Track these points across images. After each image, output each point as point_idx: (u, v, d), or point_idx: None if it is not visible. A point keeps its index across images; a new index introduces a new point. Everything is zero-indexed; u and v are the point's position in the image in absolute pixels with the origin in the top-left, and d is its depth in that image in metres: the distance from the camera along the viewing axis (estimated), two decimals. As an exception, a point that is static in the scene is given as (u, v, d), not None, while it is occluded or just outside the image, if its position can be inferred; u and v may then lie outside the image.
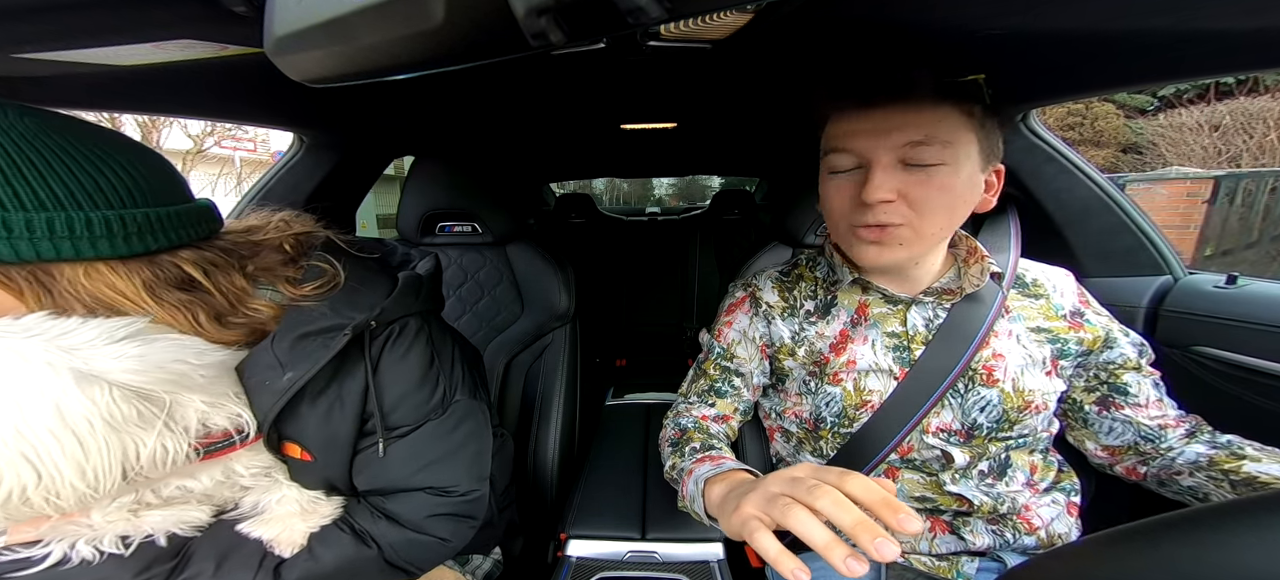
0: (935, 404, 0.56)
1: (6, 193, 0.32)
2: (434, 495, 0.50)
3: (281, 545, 0.46)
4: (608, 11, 0.20)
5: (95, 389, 0.33)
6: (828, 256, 0.67)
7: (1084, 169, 0.84)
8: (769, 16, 0.49)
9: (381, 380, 0.48)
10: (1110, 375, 0.58)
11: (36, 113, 0.35)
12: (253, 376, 0.44)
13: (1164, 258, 0.81)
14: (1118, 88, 0.66)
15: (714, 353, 0.70)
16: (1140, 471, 0.57)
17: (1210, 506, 0.27)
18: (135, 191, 0.37)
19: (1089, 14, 0.46)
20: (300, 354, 0.43)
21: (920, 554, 0.60)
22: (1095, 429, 0.59)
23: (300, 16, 0.23)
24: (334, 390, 0.46)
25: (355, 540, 0.48)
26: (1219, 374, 0.57)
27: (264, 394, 0.44)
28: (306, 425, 0.46)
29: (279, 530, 0.47)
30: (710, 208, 2.25)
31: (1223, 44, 0.49)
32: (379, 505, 0.50)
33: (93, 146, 0.36)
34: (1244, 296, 0.71)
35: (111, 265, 0.36)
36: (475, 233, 0.98)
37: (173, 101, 0.71)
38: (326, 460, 0.48)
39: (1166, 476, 0.54)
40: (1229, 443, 0.52)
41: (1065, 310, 0.60)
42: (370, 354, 0.47)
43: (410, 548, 0.50)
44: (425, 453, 0.50)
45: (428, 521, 0.50)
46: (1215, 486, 0.50)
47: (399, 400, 0.48)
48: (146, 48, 0.41)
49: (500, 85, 0.77)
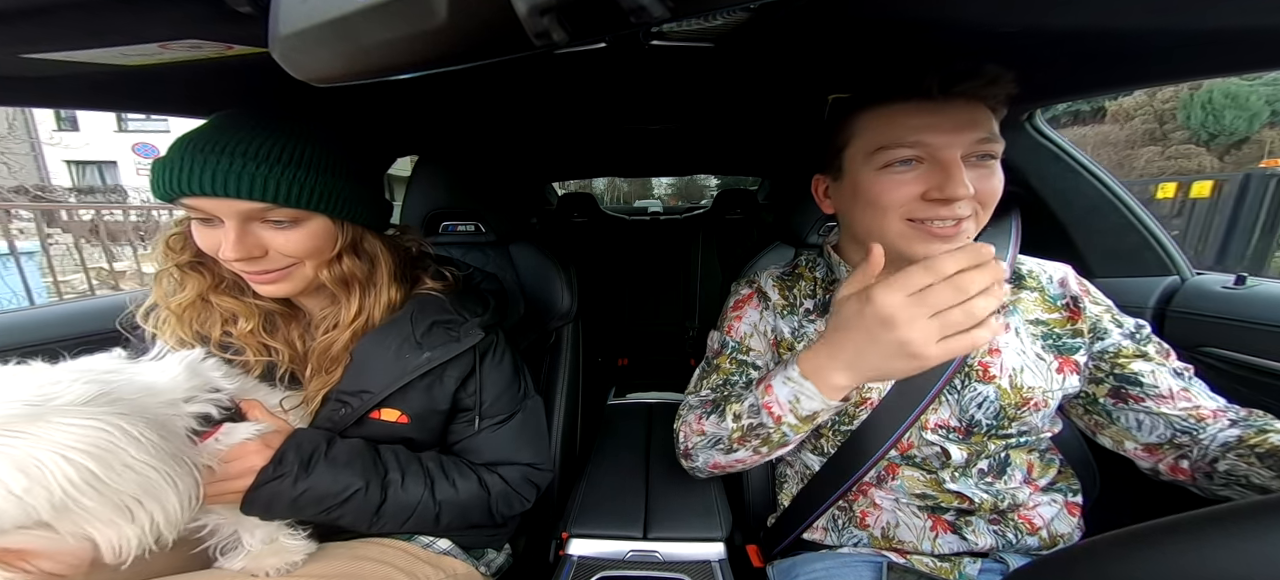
0: (933, 401, 0.56)
1: (347, 179, 0.54)
2: (525, 467, 0.66)
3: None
4: (610, 11, 0.20)
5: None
6: (826, 256, 0.67)
7: (1091, 168, 0.83)
8: (772, 14, 0.49)
9: (484, 379, 0.63)
10: (1113, 365, 0.55)
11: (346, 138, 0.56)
12: (381, 351, 0.57)
13: (1171, 258, 0.80)
14: (1122, 88, 0.66)
15: (728, 347, 0.68)
16: (1184, 468, 0.51)
17: (1211, 510, 0.26)
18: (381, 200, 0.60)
19: (1096, 14, 0.45)
20: (434, 339, 0.58)
21: (923, 554, 0.59)
22: (1125, 425, 0.55)
23: (305, 16, 0.23)
24: (438, 371, 0.59)
25: (479, 483, 0.62)
26: (1227, 375, 0.57)
27: (393, 368, 0.57)
28: (412, 397, 0.58)
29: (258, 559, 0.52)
30: (713, 207, 2.24)
31: (1226, 44, 0.49)
32: (493, 469, 0.64)
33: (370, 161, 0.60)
34: (1253, 297, 0.70)
35: (375, 235, 0.59)
36: (479, 232, 0.98)
37: (178, 101, 0.72)
38: (420, 425, 0.60)
39: (1207, 467, 0.49)
40: (1257, 421, 0.49)
41: (1065, 299, 0.59)
42: (479, 354, 0.62)
43: (507, 500, 0.64)
44: (520, 437, 0.66)
45: (521, 484, 0.65)
46: (1246, 466, 0.46)
47: (496, 397, 0.64)
48: (152, 47, 0.41)
49: (503, 84, 0.77)
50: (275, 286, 0.54)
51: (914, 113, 0.49)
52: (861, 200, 0.54)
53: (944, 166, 0.48)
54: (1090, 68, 0.61)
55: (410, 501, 0.57)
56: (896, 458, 0.60)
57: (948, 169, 0.47)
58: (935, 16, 0.47)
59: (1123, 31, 0.49)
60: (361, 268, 0.57)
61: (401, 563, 0.57)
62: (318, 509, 0.52)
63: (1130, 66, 0.59)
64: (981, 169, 0.50)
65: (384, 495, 0.55)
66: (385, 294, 0.59)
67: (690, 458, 0.65)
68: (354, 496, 0.53)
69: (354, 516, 0.54)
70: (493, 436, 0.64)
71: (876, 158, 0.51)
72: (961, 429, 0.58)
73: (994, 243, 0.64)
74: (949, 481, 0.58)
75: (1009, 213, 0.70)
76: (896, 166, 0.50)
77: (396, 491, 0.56)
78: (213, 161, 0.47)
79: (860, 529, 0.63)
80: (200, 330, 0.57)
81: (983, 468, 0.58)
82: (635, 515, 0.76)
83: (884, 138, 0.50)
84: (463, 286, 0.66)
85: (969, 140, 0.48)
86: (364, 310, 0.58)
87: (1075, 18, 0.47)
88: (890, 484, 0.61)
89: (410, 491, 0.56)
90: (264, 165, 0.48)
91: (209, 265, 0.57)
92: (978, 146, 0.48)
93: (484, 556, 0.71)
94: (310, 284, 0.56)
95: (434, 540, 0.64)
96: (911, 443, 0.59)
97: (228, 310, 0.57)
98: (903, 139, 0.49)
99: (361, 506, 0.54)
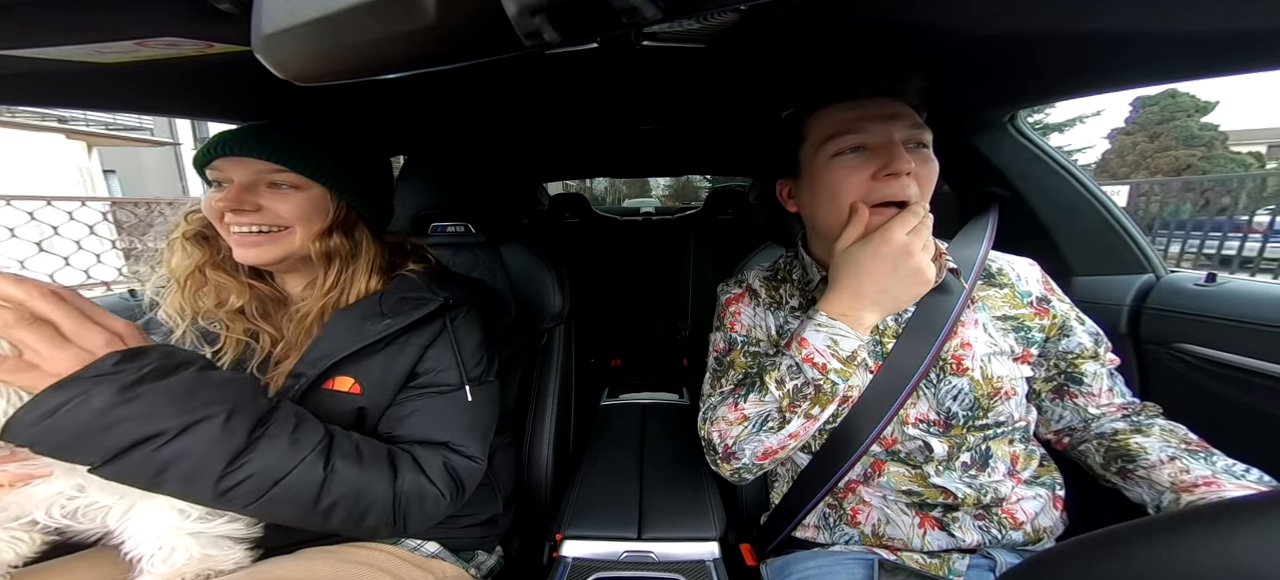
0: (911, 394, 0.58)
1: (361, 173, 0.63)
2: (441, 446, 0.57)
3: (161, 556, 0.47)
4: (602, 11, 0.20)
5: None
6: (801, 258, 0.69)
7: (1070, 170, 0.85)
8: (762, 16, 0.50)
9: (458, 336, 0.62)
10: (1068, 365, 0.61)
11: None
12: (347, 320, 0.58)
13: (1146, 256, 0.83)
14: (1101, 89, 0.68)
15: (738, 344, 0.69)
16: (1065, 442, 0.63)
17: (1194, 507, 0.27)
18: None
19: (1072, 16, 0.46)
20: (399, 308, 0.59)
21: (913, 551, 0.60)
22: (1047, 416, 0.64)
23: (289, 14, 0.22)
24: (401, 341, 0.59)
25: (388, 461, 0.52)
26: (1200, 370, 0.59)
27: (353, 334, 0.57)
28: (370, 365, 0.57)
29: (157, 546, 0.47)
30: (704, 207, 2.25)
31: (1201, 47, 0.50)
32: (407, 448, 0.56)
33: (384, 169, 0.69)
34: (1222, 294, 0.72)
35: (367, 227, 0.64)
36: (469, 233, 0.97)
37: (154, 100, 0.69)
38: (375, 396, 0.57)
39: (1078, 445, 0.61)
40: (1137, 423, 0.58)
41: (1032, 296, 0.62)
42: (451, 323, 0.62)
43: (418, 497, 0.53)
44: (453, 416, 0.59)
45: (438, 473, 0.55)
46: (1093, 450, 0.59)
47: (447, 368, 0.60)
48: (128, 45, 0.40)
49: (493, 84, 0.77)
50: (258, 250, 0.56)
51: (854, 108, 0.56)
52: (820, 192, 0.59)
53: (886, 147, 0.55)
54: (1067, 70, 0.63)
55: (295, 456, 0.44)
56: (882, 454, 0.62)
57: (889, 149, 0.54)
58: (914, 21, 0.50)
59: (1097, 35, 0.51)
60: (345, 248, 0.60)
61: (387, 565, 0.56)
62: (127, 441, 0.37)
63: (1105, 69, 0.61)
64: (917, 155, 0.56)
65: (252, 433, 0.42)
66: (363, 280, 0.61)
67: (735, 457, 0.60)
68: (198, 428, 0.39)
69: (189, 468, 0.39)
70: (426, 409, 0.57)
71: (827, 148, 0.57)
72: (940, 422, 0.59)
73: (969, 238, 0.67)
74: (933, 476, 0.59)
75: (988, 212, 0.72)
76: (846, 155, 0.57)
77: (278, 435, 0.44)
78: (242, 133, 0.56)
79: (851, 526, 0.64)
80: (195, 305, 0.59)
81: (965, 461, 0.59)
82: (629, 516, 0.76)
83: (832, 129, 0.57)
84: (443, 272, 0.69)
85: (901, 128, 0.55)
86: (339, 285, 0.60)
87: (1050, 22, 0.48)
88: (878, 481, 0.62)
89: (306, 443, 0.45)
90: (283, 135, 0.56)
91: (212, 240, 0.60)
92: (911, 134, 0.56)
93: (474, 558, 0.70)
94: (293, 255, 0.58)
95: (422, 543, 0.63)
96: (895, 438, 0.61)
97: (223, 285, 0.59)
98: (848, 128, 0.56)
99: (210, 445, 0.40)
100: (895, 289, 0.54)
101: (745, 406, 0.59)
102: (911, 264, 0.52)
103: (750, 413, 0.58)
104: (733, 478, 0.64)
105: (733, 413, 0.60)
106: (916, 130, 0.56)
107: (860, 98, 0.56)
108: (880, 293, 0.54)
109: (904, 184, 0.54)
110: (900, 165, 0.53)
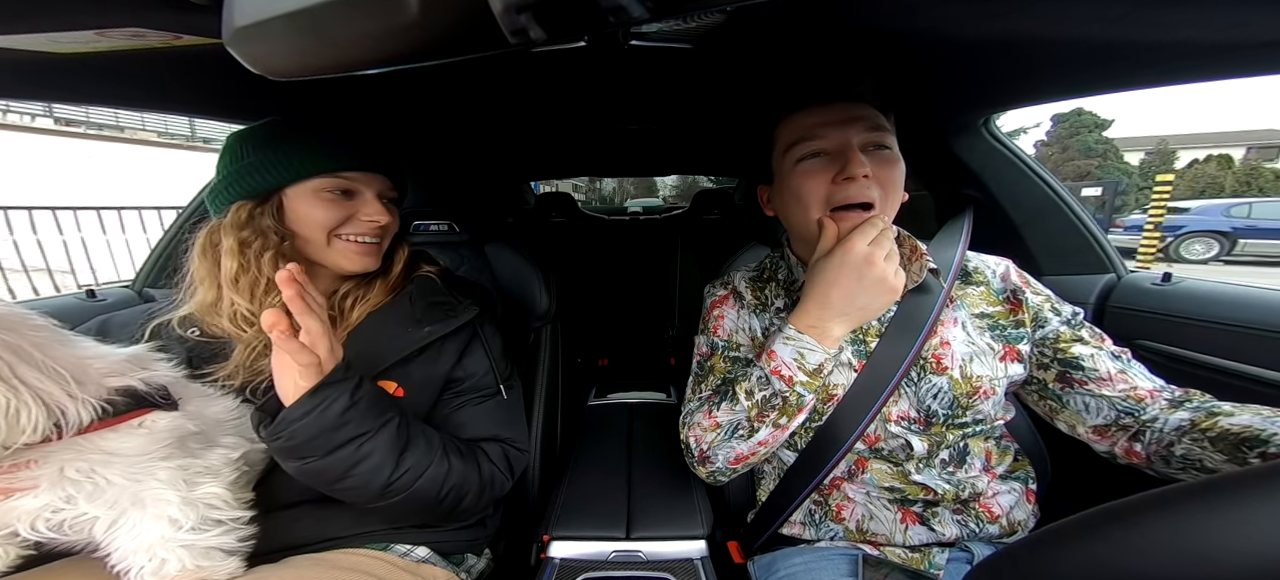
0: (893, 393, 0.59)
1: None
2: (504, 443, 0.65)
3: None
4: (589, 10, 0.20)
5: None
6: (786, 258, 0.70)
7: (1039, 172, 0.89)
8: (750, 17, 0.50)
9: (478, 353, 0.66)
10: (1056, 350, 0.59)
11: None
12: (385, 324, 0.61)
13: (1109, 257, 0.87)
14: (1074, 94, 0.70)
15: (719, 348, 0.69)
16: (1138, 451, 0.54)
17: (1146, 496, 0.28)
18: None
19: (1041, 23, 0.48)
20: (433, 316, 0.63)
21: (895, 546, 0.62)
22: (1074, 408, 0.58)
23: (263, 7, 0.22)
24: (437, 346, 0.62)
25: (474, 457, 0.60)
26: (1161, 367, 0.62)
27: (397, 340, 0.60)
28: (411, 370, 0.60)
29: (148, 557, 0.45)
30: (691, 207, 2.26)
31: (1167, 55, 0.53)
32: (476, 445, 0.63)
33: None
34: (1177, 294, 0.76)
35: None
36: (453, 231, 0.96)
37: (115, 93, 0.66)
38: (417, 397, 0.61)
39: (1163, 451, 0.51)
40: (1206, 404, 0.52)
41: (1006, 293, 0.63)
42: (477, 327, 0.67)
43: (493, 481, 0.61)
44: (507, 413, 0.67)
45: (502, 462, 0.64)
46: (1200, 450, 0.48)
47: (486, 372, 0.66)
48: (88, 35, 0.38)
49: (477, 81, 0.76)
50: (370, 258, 0.62)
51: (812, 114, 0.58)
52: (790, 197, 0.61)
53: (842, 151, 0.56)
54: (1039, 75, 0.66)
55: (431, 453, 0.54)
56: (865, 451, 0.63)
57: (846, 153, 0.56)
58: (893, 25, 0.52)
59: (1069, 41, 0.53)
60: (397, 250, 0.67)
61: (378, 571, 0.55)
62: (345, 439, 0.47)
63: (1078, 75, 0.63)
64: (877, 156, 0.57)
65: (408, 436, 0.52)
66: (393, 275, 0.66)
67: (709, 460, 0.63)
68: (384, 429, 0.50)
69: (376, 463, 0.49)
70: (477, 411, 0.64)
71: (792, 154, 0.59)
72: (921, 420, 0.61)
73: (947, 239, 0.69)
74: (914, 473, 0.61)
75: (963, 213, 0.74)
76: (808, 160, 0.58)
77: (418, 438, 0.54)
78: (358, 143, 0.58)
79: (836, 523, 0.65)
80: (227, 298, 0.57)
81: (944, 458, 0.61)
82: (617, 515, 0.76)
83: (794, 136, 0.59)
84: (451, 274, 0.74)
85: (859, 130, 0.56)
86: (381, 288, 0.64)
87: (1022, 26, 0.50)
88: (861, 478, 0.63)
89: (433, 442, 0.55)
90: (389, 151, 0.60)
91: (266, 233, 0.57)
92: (871, 137, 0.57)
93: (464, 562, 0.69)
94: (379, 258, 0.63)
95: (412, 548, 0.62)
96: (878, 435, 0.62)
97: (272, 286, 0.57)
98: (806, 134, 0.58)
99: (389, 446, 0.50)
100: (862, 299, 0.54)
101: (718, 414, 0.61)
102: (874, 273, 0.53)
103: (723, 420, 0.60)
104: (709, 479, 0.66)
105: (707, 419, 0.62)
106: (876, 133, 0.57)
107: (818, 103, 0.58)
108: (847, 303, 0.55)
109: (862, 187, 0.55)
110: (855, 169, 0.54)
